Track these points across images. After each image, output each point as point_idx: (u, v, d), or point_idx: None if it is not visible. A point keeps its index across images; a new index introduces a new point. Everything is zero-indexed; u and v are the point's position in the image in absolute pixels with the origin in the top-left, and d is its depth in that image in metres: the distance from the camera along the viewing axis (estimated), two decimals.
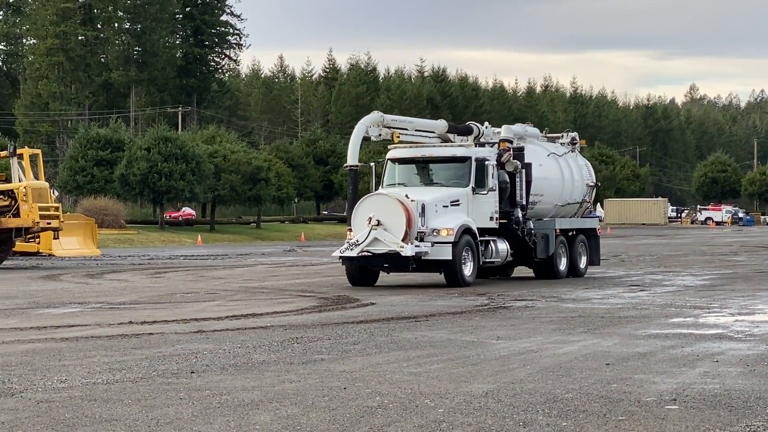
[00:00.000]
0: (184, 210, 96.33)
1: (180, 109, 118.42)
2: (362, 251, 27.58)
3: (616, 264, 41.00)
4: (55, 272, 36.96)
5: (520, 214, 30.38)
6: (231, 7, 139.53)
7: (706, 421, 10.14)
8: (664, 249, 56.08)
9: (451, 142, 31.19)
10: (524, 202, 30.60)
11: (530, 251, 30.90)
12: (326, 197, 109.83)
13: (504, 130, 31.56)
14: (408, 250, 27.11)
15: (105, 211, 71.94)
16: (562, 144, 34.27)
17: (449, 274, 28.09)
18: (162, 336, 17.07)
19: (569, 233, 32.63)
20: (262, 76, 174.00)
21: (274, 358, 14.43)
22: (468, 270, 28.23)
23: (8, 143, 62.61)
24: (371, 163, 31.53)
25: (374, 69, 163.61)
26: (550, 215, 32.39)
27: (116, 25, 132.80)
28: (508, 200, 30.12)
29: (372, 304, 23.16)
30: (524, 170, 30.45)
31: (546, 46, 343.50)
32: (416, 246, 27.29)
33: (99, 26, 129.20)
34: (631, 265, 39.75)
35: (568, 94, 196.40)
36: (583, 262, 33.19)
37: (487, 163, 29.31)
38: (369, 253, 27.65)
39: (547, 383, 12.25)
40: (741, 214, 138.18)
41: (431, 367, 13.64)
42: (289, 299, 24.78)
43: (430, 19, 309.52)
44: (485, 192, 29.16)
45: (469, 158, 29.28)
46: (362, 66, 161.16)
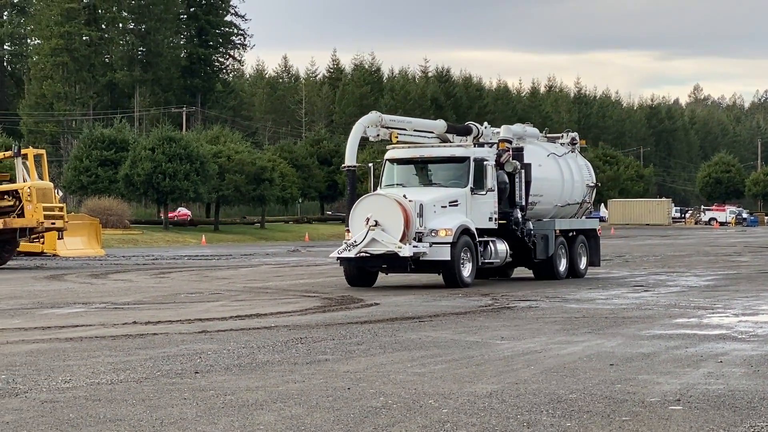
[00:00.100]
0: (179, 210, 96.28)
1: (184, 109, 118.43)
2: (360, 252, 27.46)
3: (620, 264, 40.98)
4: (59, 272, 36.99)
5: (519, 215, 30.27)
6: (235, 7, 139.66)
7: (710, 422, 10.14)
8: (667, 249, 56.04)
9: (450, 142, 31.02)
10: (523, 203, 30.49)
11: (530, 252, 30.78)
12: (330, 197, 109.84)
13: (503, 131, 31.43)
14: (406, 250, 26.98)
15: (109, 211, 72.02)
16: (562, 144, 34.15)
17: (447, 274, 27.97)
18: (166, 336, 17.09)
19: (569, 234, 32.49)
20: (267, 76, 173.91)
21: (278, 359, 14.44)
22: (466, 271, 28.12)
23: (13, 143, 62.53)
24: (370, 163, 31.39)
25: (378, 69, 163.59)
26: (550, 216, 32.26)
27: (120, 25, 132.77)
28: (508, 201, 30.00)
29: (376, 304, 23.16)
30: (523, 170, 30.33)
31: (550, 47, 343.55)
32: (414, 247, 27.16)
33: (103, 26, 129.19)
34: (635, 266, 39.73)
35: (572, 95, 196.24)
36: (583, 263, 33.07)
37: (485, 163, 29.17)
38: (367, 254, 27.54)
39: (551, 384, 12.25)
40: (745, 215, 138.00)
41: (435, 367, 13.64)
42: (293, 299, 24.78)
43: (434, 19, 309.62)
44: (484, 192, 29.02)
45: (468, 158, 29.14)
46: (366, 66, 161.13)
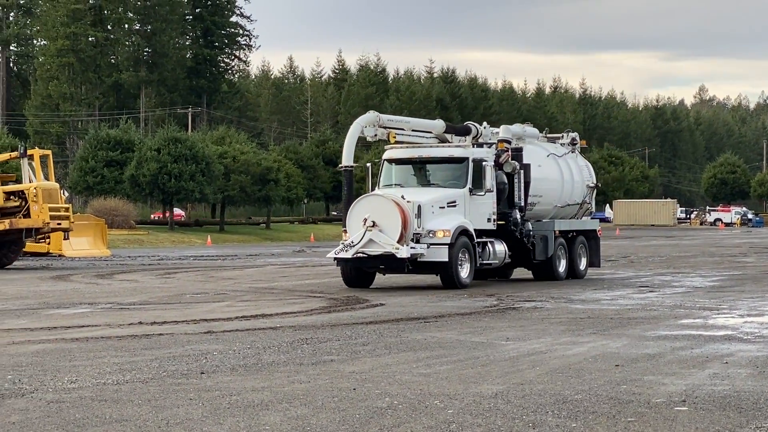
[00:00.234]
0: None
1: (190, 109, 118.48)
2: (357, 253, 27.27)
3: (625, 265, 40.96)
4: (65, 273, 37.02)
5: (518, 216, 30.07)
6: (241, 8, 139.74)
7: (715, 423, 10.14)
8: (673, 250, 56.01)
9: (448, 142, 30.83)
10: (522, 203, 30.30)
11: (529, 253, 30.58)
12: (336, 198, 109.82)
13: (502, 131, 31.25)
14: (403, 251, 26.78)
15: (115, 211, 72.06)
16: (562, 144, 33.91)
17: (445, 276, 27.77)
18: (172, 336, 17.10)
19: (569, 235, 32.30)
20: (272, 77, 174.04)
21: (283, 359, 14.45)
22: (464, 272, 27.91)
23: (19, 144, 62.70)
24: (368, 163, 31.16)
25: (383, 70, 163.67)
26: (550, 216, 32.09)
27: (126, 26, 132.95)
28: (507, 201, 29.80)
29: (381, 305, 23.17)
30: (523, 171, 30.14)
31: (555, 47, 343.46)
32: (412, 248, 26.96)
33: (109, 27, 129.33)
34: (640, 266, 39.71)
35: (578, 95, 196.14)
36: (582, 264, 32.86)
37: (484, 163, 28.91)
38: (364, 255, 27.35)
39: (556, 384, 12.25)
40: (750, 216, 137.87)
41: (441, 368, 13.65)
42: (299, 300, 24.79)
43: (439, 20, 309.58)
44: (483, 193, 28.75)
45: (467, 159, 28.90)
46: (372, 67, 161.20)
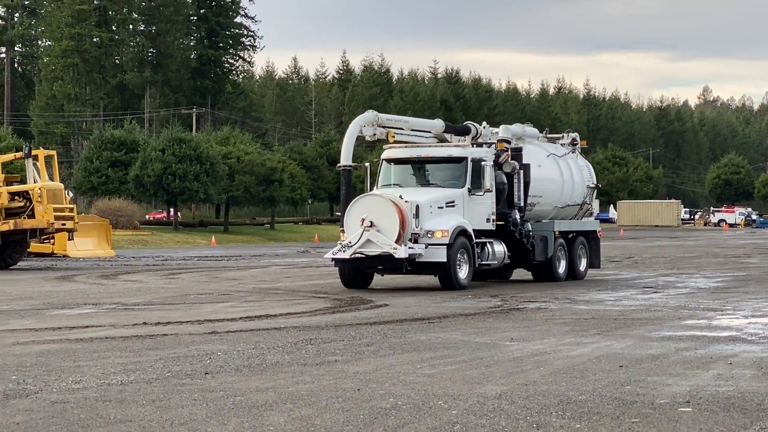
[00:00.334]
0: (166, 211, 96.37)
1: (194, 110, 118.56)
2: (355, 253, 27.07)
3: (629, 266, 40.94)
4: (69, 273, 37.05)
5: (517, 216, 29.88)
6: (245, 9, 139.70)
7: (719, 424, 10.14)
8: (677, 251, 55.97)
9: (448, 142, 30.63)
10: (522, 204, 30.11)
11: (528, 253, 30.38)
12: (340, 198, 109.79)
13: (502, 131, 31.04)
14: (401, 252, 26.58)
15: (119, 212, 72.14)
16: (562, 145, 33.69)
17: (443, 276, 27.60)
18: (176, 337, 17.11)
19: (569, 235, 32.12)
20: (276, 77, 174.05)
21: (287, 360, 14.46)
22: (463, 273, 27.73)
23: (23, 144, 62.69)
24: (366, 163, 30.92)
25: (388, 71, 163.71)
26: (550, 217, 31.90)
27: (131, 26, 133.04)
28: (506, 201, 29.63)
29: (385, 305, 23.16)
30: (522, 171, 29.95)
31: (559, 48, 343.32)
32: (410, 248, 26.76)
33: (114, 28, 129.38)
34: (644, 267, 39.69)
35: (582, 96, 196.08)
36: (582, 265, 32.64)
37: (483, 163, 28.68)
38: (362, 255, 27.15)
39: (560, 385, 12.25)
40: (754, 216, 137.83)
41: (445, 368, 13.65)
42: (303, 300, 24.80)
43: (443, 20, 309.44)
44: (482, 193, 28.53)
45: (466, 159, 28.69)
46: (376, 68, 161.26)
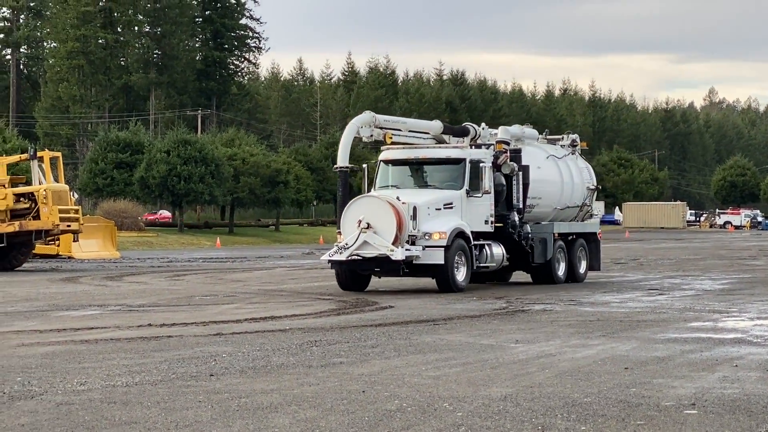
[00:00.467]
0: (160, 213, 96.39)
1: (199, 112, 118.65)
2: (352, 255, 26.87)
3: (634, 268, 40.92)
4: (74, 275, 37.06)
5: (516, 218, 29.73)
6: (250, 10, 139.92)
7: (725, 426, 10.12)
8: (682, 253, 55.94)
9: (446, 143, 30.48)
10: (521, 206, 29.97)
11: (527, 255, 30.20)
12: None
13: (500, 132, 30.89)
14: (398, 254, 26.38)
15: (124, 213, 72.20)
16: (562, 146, 33.50)
17: (441, 279, 27.39)
18: (181, 339, 17.10)
19: (568, 237, 31.96)
20: (282, 79, 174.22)
21: (292, 361, 14.44)
22: (461, 275, 27.55)
23: (29, 146, 62.82)
24: (363, 164, 30.46)
25: (393, 72, 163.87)
26: (549, 219, 31.73)
27: (136, 28, 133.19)
28: (505, 203, 29.47)
29: (390, 307, 23.14)
30: (521, 172, 29.82)
31: (565, 50, 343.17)
32: (407, 250, 26.56)
33: (119, 29, 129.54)
34: (649, 269, 39.66)
35: (587, 98, 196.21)
36: (582, 267, 32.44)
37: (482, 165, 28.49)
38: (359, 257, 26.94)
39: (565, 387, 12.23)
40: (760, 218, 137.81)
41: (450, 370, 13.63)
42: (308, 302, 24.79)
43: (449, 22, 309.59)
44: (480, 195, 28.34)
45: (464, 160, 28.47)
46: (381, 69, 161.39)
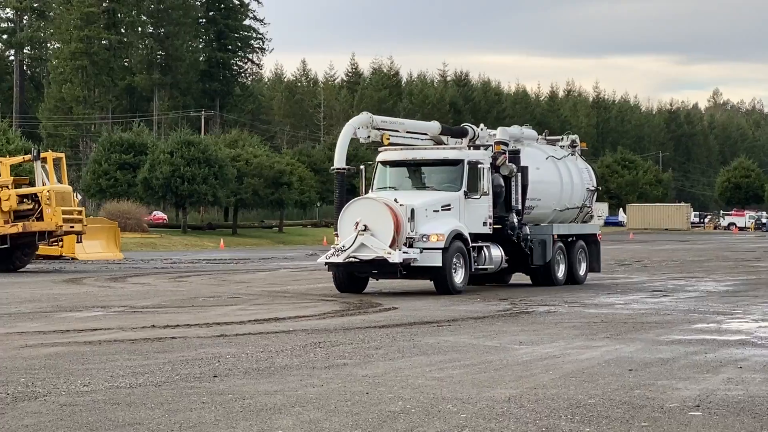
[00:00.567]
0: (155, 214, 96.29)
1: (203, 113, 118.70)
2: (349, 257, 26.67)
3: (638, 269, 40.90)
4: (78, 276, 37.08)
5: (515, 219, 29.53)
6: (254, 11, 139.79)
7: (729, 428, 10.11)
8: (686, 254, 55.91)
9: (444, 144, 30.30)
10: (520, 207, 29.76)
11: (526, 257, 30.02)
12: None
13: (499, 132, 30.56)
14: (395, 256, 26.18)
15: (128, 214, 72.20)
16: (561, 147, 33.32)
17: (439, 281, 27.21)
18: (185, 340, 17.11)
19: (568, 239, 31.75)
20: (285, 80, 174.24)
21: (296, 363, 14.44)
22: (459, 277, 27.34)
23: (32, 147, 62.83)
24: (361, 165, 30.32)
25: (397, 73, 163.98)
26: (549, 220, 31.58)
27: (140, 29, 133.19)
28: (503, 205, 29.29)
29: (394, 308, 23.14)
30: (520, 173, 29.62)
31: (569, 51, 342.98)
32: (404, 252, 26.36)
33: (122, 30, 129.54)
34: (653, 271, 39.64)
35: (591, 99, 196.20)
36: (582, 269, 32.24)
37: (480, 166, 28.35)
38: (356, 259, 26.72)
39: (569, 389, 12.22)
40: (764, 220, 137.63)
41: (454, 372, 13.62)
42: (312, 303, 24.79)
43: (452, 23, 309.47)
44: (478, 196, 28.16)
45: (462, 161, 28.30)
46: (385, 70, 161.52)
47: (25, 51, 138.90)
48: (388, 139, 29.11)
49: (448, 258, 26.95)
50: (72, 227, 39.91)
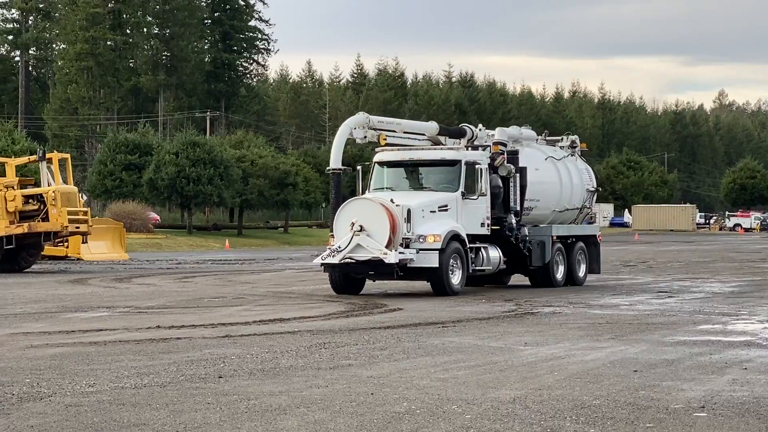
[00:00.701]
0: (149, 215, 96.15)
1: (208, 113, 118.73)
2: (344, 258, 26.52)
3: (644, 270, 40.87)
4: (83, 276, 37.10)
5: (513, 220, 29.38)
6: (259, 12, 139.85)
7: (734, 429, 10.10)
8: (692, 255, 55.87)
9: (442, 145, 30.12)
10: (518, 208, 29.57)
11: (525, 259, 29.85)
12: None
13: (497, 133, 30.39)
14: (391, 257, 26.02)
15: (133, 215, 72.24)
16: (561, 147, 33.14)
17: (435, 282, 27.08)
18: (190, 341, 17.11)
19: (568, 240, 31.53)
20: (290, 81, 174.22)
21: (301, 363, 14.45)
22: (456, 278, 27.18)
23: (37, 147, 62.86)
24: (358, 166, 30.07)
25: (402, 74, 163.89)
26: (548, 221, 31.40)
27: (145, 30, 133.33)
28: (502, 205, 29.12)
29: (399, 309, 23.14)
30: (518, 174, 29.44)
31: (574, 52, 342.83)
32: (400, 253, 26.21)
33: (128, 31, 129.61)
34: (659, 272, 39.61)
35: (596, 100, 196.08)
36: (582, 270, 32.03)
37: (478, 166, 28.18)
38: (352, 260, 26.55)
39: (574, 390, 12.22)
40: None
41: (458, 372, 13.62)
42: (317, 304, 24.79)
43: (458, 24, 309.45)
44: (476, 197, 28.01)
45: (459, 162, 28.14)
46: (390, 71, 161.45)
47: (30, 52, 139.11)
48: (385, 139, 28.94)
49: (445, 259, 26.79)
50: (77, 228, 39.94)
